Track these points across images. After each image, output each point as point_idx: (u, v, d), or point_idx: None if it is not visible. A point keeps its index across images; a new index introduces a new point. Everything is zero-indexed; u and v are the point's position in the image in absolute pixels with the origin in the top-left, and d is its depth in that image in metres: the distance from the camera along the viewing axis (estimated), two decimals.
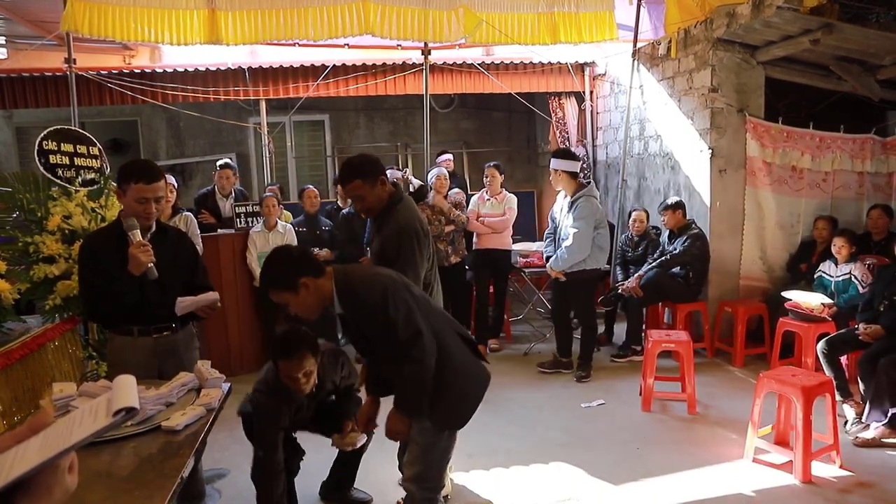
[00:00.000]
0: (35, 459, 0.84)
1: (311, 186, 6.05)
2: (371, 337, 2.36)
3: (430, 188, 5.86)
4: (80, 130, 4.14)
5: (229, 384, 2.53)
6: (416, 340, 2.27)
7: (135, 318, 2.70)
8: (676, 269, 5.51)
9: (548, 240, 5.34)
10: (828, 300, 4.75)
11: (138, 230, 2.61)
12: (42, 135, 3.73)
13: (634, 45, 6.43)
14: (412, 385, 2.32)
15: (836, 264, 4.96)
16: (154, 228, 2.75)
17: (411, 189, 6.37)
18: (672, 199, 5.61)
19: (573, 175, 4.98)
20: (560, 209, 5.14)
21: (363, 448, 3.19)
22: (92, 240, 2.74)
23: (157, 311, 2.72)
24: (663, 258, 5.51)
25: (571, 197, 4.96)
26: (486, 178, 5.88)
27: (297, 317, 2.44)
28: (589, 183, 5.22)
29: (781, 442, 3.72)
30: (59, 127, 3.88)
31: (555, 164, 4.98)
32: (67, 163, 3.79)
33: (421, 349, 2.28)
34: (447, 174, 5.92)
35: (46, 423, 0.91)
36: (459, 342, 2.50)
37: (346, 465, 3.28)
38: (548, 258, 5.15)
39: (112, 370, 2.76)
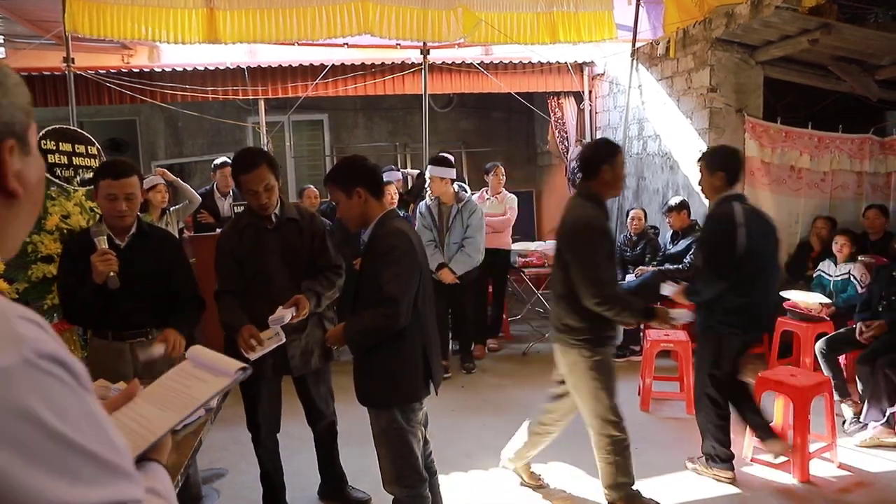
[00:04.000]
0: (173, 416, 1.03)
1: (311, 186, 6.04)
2: (367, 279, 2.46)
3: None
4: (79, 130, 4.15)
5: None
6: (391, 303, 2.35)
7: (106, 323, 2.67)
8: (672, 267, 5.50)
9: (430, 245, 4.99)
10: (826, 300, 4.75)
11: (105, 238, 2.54)
12: (40, 134, 3.73)
13: (633, 45, 6.44)
14: (363, 329, 2.43)
15: (836, 263, 4.96)
16: (134, 230, 2.69)
17: (410, 182, 6.40)
18: (675, 200, 5.58)
19: (452, 182, 5.00)
20: (436, 217, 5.04)
21: (334, 444, 3.26)
22: (71, 242, 2.73)
23: (129, 316, 2.67)
24: (678, 266, 5.45)
25: (458, 203, 4.97)
26: (493, 175, 5.86)
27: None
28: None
29: None
30: (57, 126, 3.89)
31: (439, 172, 4.89)
32: (66, 162, 3.80)
33: (390, 315, 2.35)
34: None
35: (136, 391, 1.10)
36: (417, 352, 2.50)
37: (327, 463, 3.28)
38: (440, 266, 4.95)
39: (92, 372, 2.73)
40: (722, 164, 3.41)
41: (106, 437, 0.64)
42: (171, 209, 4.97)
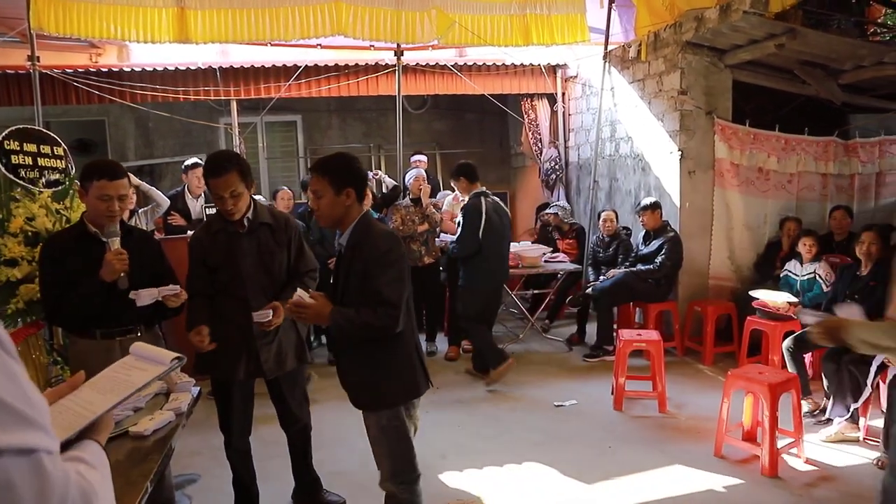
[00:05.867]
0: (112, 398, 1.15)
1: (285, 188, 5.99)
2: (352, 284, 2.39)
3: (408, 190, 5.85)
4: (44, 130, 4.05)
5: (199, 388, 2.49)
6: (391, 308, 2.32)
7: (97, 321, 2.65)
8: (644, 268, 5.57)
9: None
10: (793, 299, 4.86)
11: (118, 238, 2.58)
12: (3, 134, 3.64)
13: (605, 48, 6.50)
14: (360, 323, 2.33)
15: (802, 263, 5.07)
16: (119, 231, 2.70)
17: (384, 189, 6.38)
18: (649, 200, 5.66)
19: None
20: None
21: (307, 448, 3.19)
22: (54, 241, 2.69)
23: (120, 313, 2.67)
24: (650, 266, 5.52)
25: None
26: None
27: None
28: None
29: (749, 438, 3.79)
30: (21, 126, 3.80)
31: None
32: (30, 163, 3.71)
33: (392, 317, 2.33)
34: (425, 175, 5.91)
35: (80, 381, 1.20)
36: (413, 349, 2.53)
37: (301, 467, 3.24)
38: None
39: (75, 373, 2.70)
40: (460, 172, 4.96)
41: (22, 393, 0.74)
42: (140, 211, 4.89)
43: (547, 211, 6.86)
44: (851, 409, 3.86)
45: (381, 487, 2.57)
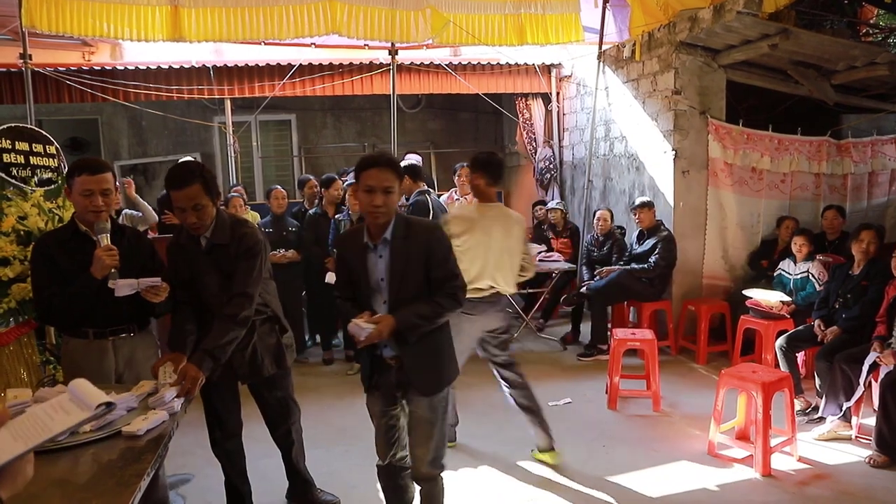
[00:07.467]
0: (20, 447, 1.00)
1: (278, 187, 5.97)
2: (412, 275, 2.35)
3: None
4: (37, 129, 4.03)
5: None
6: (458, 278, 2.40)
7: (90, 320, 2.63)
8: (638, 267, 5.58)
9: None
10: (786, 298, 4.88)
11: (107, 234, 2.56)
12: None
13: (600, 48, 6.52)
14: (436, 314, 2.35)
15: (795, 262, 5.10)
16: (110, 227, 2.66)
17: None
18: (644, 199, 5.68)
19: None
20: None
21: (292, 450, 3.16)
22: (45, 240, 2.66)
23: (112, 313, 2.64)
24: (644, 265, 5.54)
25: None
26: (460, 177, 5.86)
27: None
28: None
29: (742, 437, 3.80)
30: (13, 125, 3.78)
31: None
32: (22, 162, 3.70)
33: (461, 286, 2.39)
34: None
35: (5, 419, 1.03)
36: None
37: (291, 468, 3.22)
38: None
39: (68, 375, 2.68)
40: (405, 172, 5.46)
41: None
42: (125, 212, 4.86)
43: (550, 206, 6.86)
44: (844, 408, 3.88)
45: (422, 474, 2.51)
